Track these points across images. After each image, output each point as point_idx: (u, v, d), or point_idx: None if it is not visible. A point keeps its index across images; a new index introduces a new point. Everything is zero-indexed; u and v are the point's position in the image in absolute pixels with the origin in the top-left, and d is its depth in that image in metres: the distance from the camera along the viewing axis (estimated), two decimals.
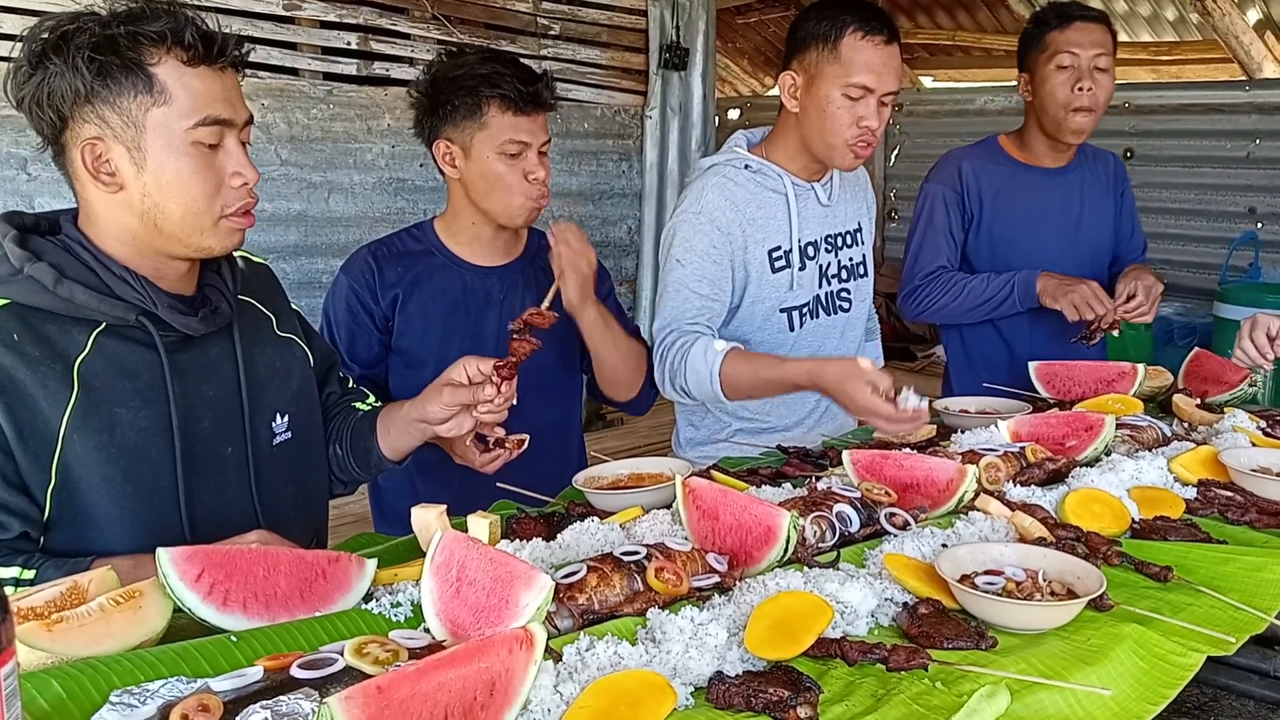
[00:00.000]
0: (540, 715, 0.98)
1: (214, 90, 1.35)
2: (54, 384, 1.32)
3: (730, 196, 2.12)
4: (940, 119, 7.20)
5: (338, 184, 4.84)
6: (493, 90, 1.95)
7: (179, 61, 1.32)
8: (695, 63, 5.99)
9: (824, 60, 2.04)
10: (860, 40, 2.01)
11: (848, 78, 2.01)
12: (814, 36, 2.05)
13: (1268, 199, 5.57)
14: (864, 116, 2.03)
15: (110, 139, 1.33)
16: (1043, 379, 2.33)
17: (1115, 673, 1.15)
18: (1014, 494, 1.63)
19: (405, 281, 2.08)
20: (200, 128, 1.34)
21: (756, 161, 2.17)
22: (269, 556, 1.23)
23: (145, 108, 1.32)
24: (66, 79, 1.30)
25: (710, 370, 1.98)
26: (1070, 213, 2.62)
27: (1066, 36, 2.46)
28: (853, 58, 2.02)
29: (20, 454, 1.31)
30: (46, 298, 1.33)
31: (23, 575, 1.29)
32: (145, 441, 1.38)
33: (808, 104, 2.08)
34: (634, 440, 4.73)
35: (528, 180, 1.99)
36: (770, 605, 1.17)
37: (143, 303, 1.38)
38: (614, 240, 5.93)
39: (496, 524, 1.43)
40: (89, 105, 1.31)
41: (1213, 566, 1.40)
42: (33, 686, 0.97)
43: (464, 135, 1.99)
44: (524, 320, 1.69)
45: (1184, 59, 6.54)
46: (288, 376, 1.59)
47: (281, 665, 1.05)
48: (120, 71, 1.30)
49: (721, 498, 1.42)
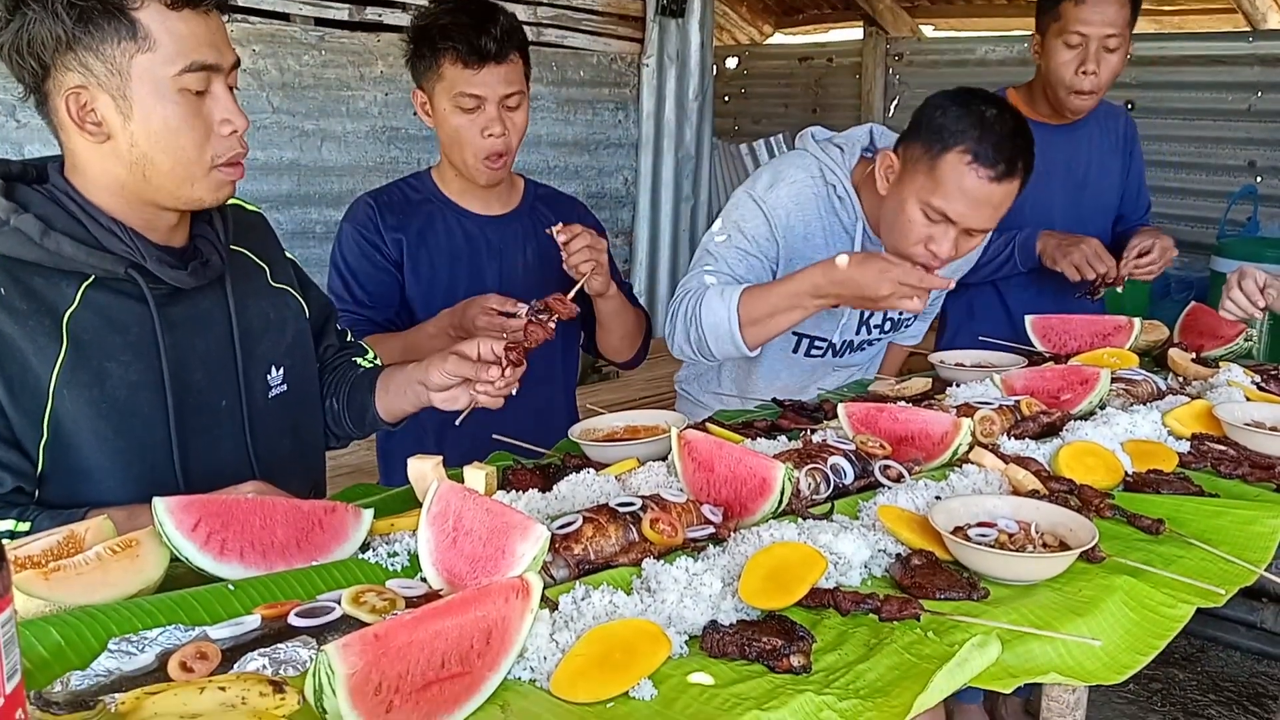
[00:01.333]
0: (536, 663, 0.99)
1: (199, 34, 1.31)
2: (43, 338, 1.30)
3: (801, 203, 2.03)
4: (940, 69, 7.11)
5: (330, 132, 4.78)
6: (445, 42, 1.91)
7: (162, 4, 1.28)
8: (693, 10, 5.90)
9: (919, 164, 1.84)
10: (966, 165, 1.79)
11: (936, 199, 1.82)
12: (921, 129, 1.87)
13: (1268, 153, 5.53)
14: (934, 238, 1.85)
15: (95, 87, 1.29)
16: (1039, 332, 2.33)
17: (1105, 624, 1.16)
18: (1008, 447, 1.64)
19: (410, 230, 2.06)
20: (187, 74, 1.30)
21: (847, 191, 2.04)
22: (265, 506, 1.23)
23: (129, 54, 1.27)
24: (46, 25, 1.25)
25: (729, 308, 1.91)
26: (1076, 171, 2.58)
27: (1079, 13, 2.36)
28: (948, 177, 1.80)
29: (11, 409, 1.30)
30: (33, 250, 1.30)
31: (17, 528, 1.28)
32: (136, 395, 1.37)
33: (891, 196, 1.91)
34: (630, 393, 4.73)
35: (483, 136, 1.95)
36: (764, 556, 1.18)
37: (131, 255, 1.35)
38: (610, 191, 5.89)
39: (493, 475, 1.43)
40: (71, 52, 1.27)
41: (1204, 520, 1.41)
42: (31, 634, 0.98)
43: (430, 86, 1.98)
44: (546, 303, 1.65)
45: (1186, 9, 6.45)
46: (282, 328, 1.57)
47: (279, 614, 1.05)
48: (102, 17, 1.26)
49: (717, 450, 1.42)
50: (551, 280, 2.13)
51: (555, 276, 2.12)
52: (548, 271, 2.13)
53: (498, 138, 1.96)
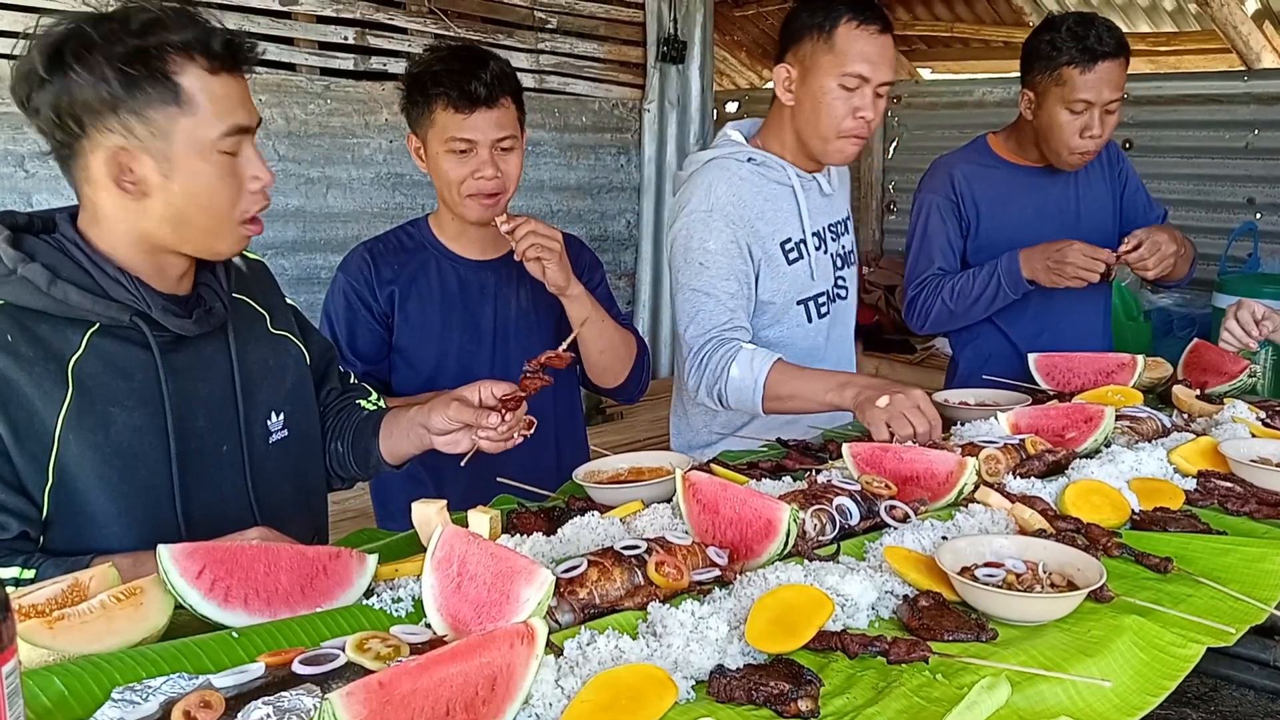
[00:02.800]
0: (542, 709, 0.99)
1: (234, 95, 1.35)
2: (48, 384, 1.32)
3: (738, 191, 2.11)
4: (939, 111, 7.19)
5: (335, 179, 4.83)
6: (436, 88, 1.94)
7: (202, 69, 1.31)
8: (693, 56, 5.98)
9: (819, 51, 2.04)
10: (855, 30, 2.01)
11: (843, 67, 2.01)
12: (809, 28, 2.05)
13: (1266, 189, 5.57)
14: (860, 107, 2.04)
15: (137, 149, 1.31)
16: (1042, 370, 2.33)
17: (1115, 664, 1.15)
18: (1014, 486, 1.63)
19: (402, 279, 2.08)
20: (223, 137, 1.34)
21: (759, 154, 2.16)
22: (270, 553, 1.23)
23: (173, 118, 1.30)
24: (91, 89, 1.27)
25: (757, 380, 1.99)
26: (1069, 209, 2.58)
27: (1086, 80, 2.33)
28: (848, 47, 2.01)
29: (17, 455, 1.30)
30: (40, 298, 1.32)
31: (23, 575, 1.28)
32: (140, 441, 1.38)
33: (803, 96, 2.08)
34: (634, 434, 4.73)
35: (474, 178, 1.97)
36: (770, 599, 1.17)
37: (137, 304, 1.37)
38: (613, 234, 5.93)
39: (497, 519, 1.43)
40: (114, 115, 1.29)
41: (1212, 557, 1.40)
42: (35, 684, 0.98)
43: (424, 132, 2.01)
44: (541, 362, 1.65)
45: (1182, 49, 6.53)
46: (282, 374, 1.58)
47: (283, 661, 1.05)
48: (147, 81, 1.29)
49: (721, 491, 1.42)
50: (547, 322, 2.14)
51: (550, 319, 2.13)
52: (542, 314, 2.15)
53: (489, 180, 1.98)
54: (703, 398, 2.08)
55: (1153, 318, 5.53)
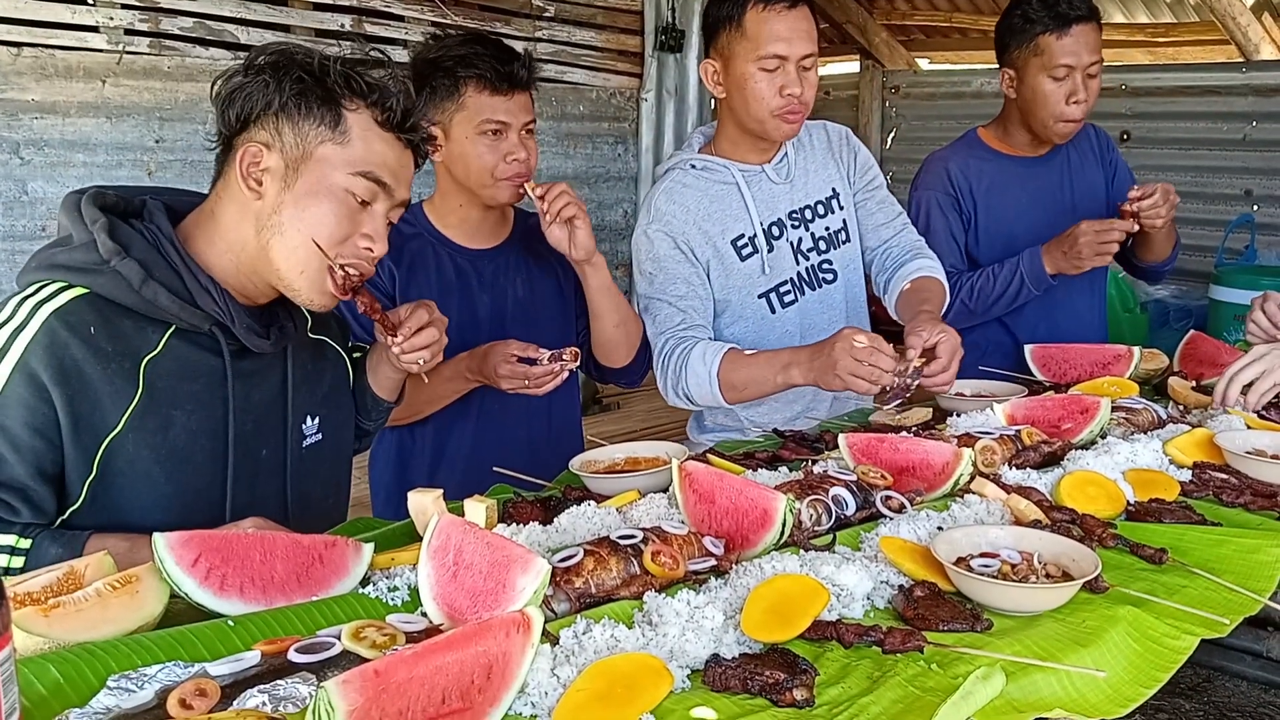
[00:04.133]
0: (537, 698, 0.99)
1: (389, 156, 1.40)
2: (120, 381, 1.33)
3: (678, 199, 2.16)
4: (936, 101, 7.17)
5: None
6: (469, 70, 1.93)
7: (372, 119, 1.37)
8: (691, 45, 5.96)
9: (734, 40, 2.07)
10: (762, 12, 2.03)
11: (759, 50, 2.04)
12: (721, 20, 2.09)
13: (1264, 181, 5.56)
14: (785, 85, 2.05)
15: (275, 150, 1.36)
16: (1038, 362, 2.33)
17: (1110, 655, 1.15)
18: (1009, 477, 1.64)
19: (402, 265, 2.07)
20: (359, 178, 1.37)
21: (701, 159, 2.21)
22: (265, 541, 1.23)
23: (322, 139, 1.36)
24: (267, 90, 1.34)
25: (709, 372, 2.02)
26: (1063, 197, 2.59)
27: (1064, 45, 2.35)
28: (759, 30, 2.03)
29: (70, 446, 1.31)
30: (130, 296, 1.34)
31: (19, 544, 1.29)
32: (194, 444, 1.40)
33: (731, 86, 2.11)
34: (630, 424, 4.73)
35: (506, 161, 1.97)
36: (766, 588, 1.17)
37: (220, 316, 1.40)
38: (610, 224, 5.92)
39: (493, 508, 1.43)
40: (274, 117, 1.35)
41: (1207, 549, 1.41)
42: (30, 672, 0.98)
43: (444, 116, 1.98)
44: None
45: (1181, 41, 6.52)
46: (320, 378, 1.61)
47: (279, 649, 1.05)
48: (316, 100, 1.35)
49: (717, 481, 1.42)
50: (545, 313, 2.14)
51: (547, 307, 2.13)
52: (540, 303, 2.14)
53: (521, 162, 1.98)
54: (673, 399, 2.12)
55: (1149, 309, 5.54)
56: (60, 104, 4.08)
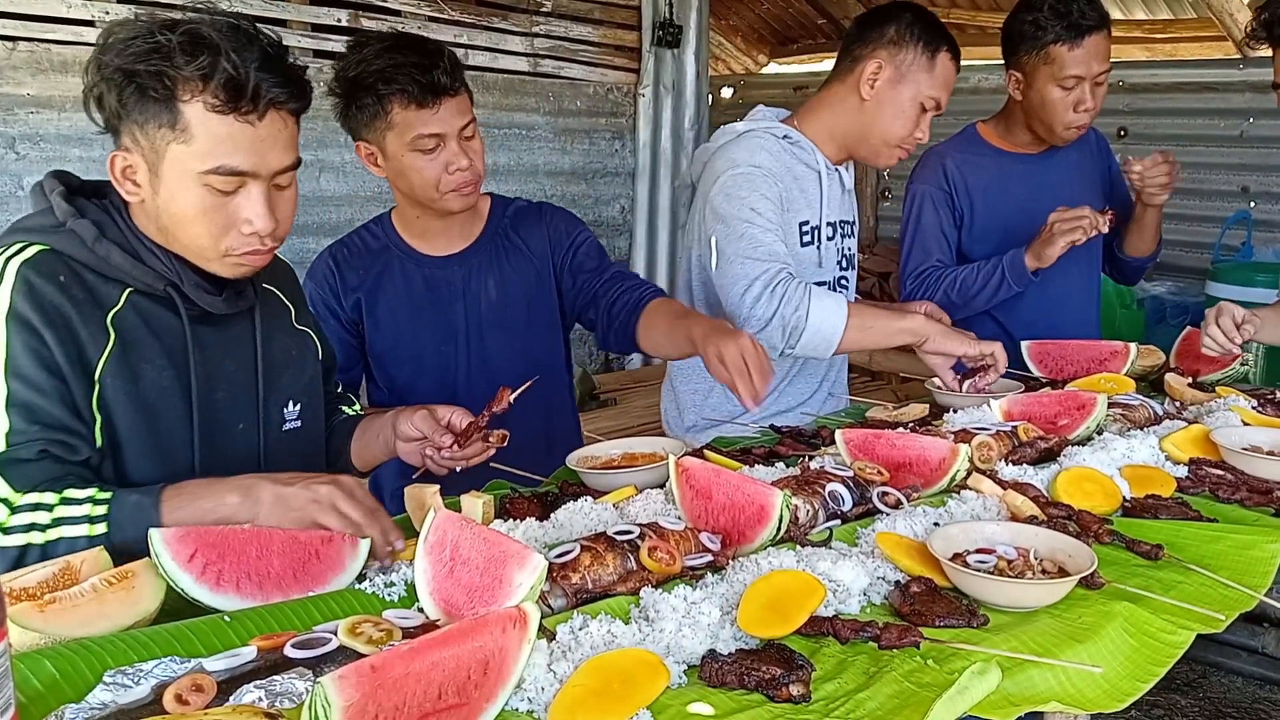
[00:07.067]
0: (534, 693, 0.99)
1: (238, 138, 1.34)
2: (94, 327, 1.37)
3: (776, 158, 2.13)
4: None
5: (328, 162, 4.80)
6: (390, 87, 1.82)
7: (207, 108, 1.32)
8: (688, 40, 5.95)
9: (919, 68, 2.10)
10: (950, 61, 2.11)
11: (927, 92, 2.11)
12: (909, 39, 2.10)
13: (1260, 178, 5.56)
14: (922, 130, 2.14)
15: (137, 153, 1.36)
16: (1035, 358, 2.33)
17: (1106, 650, 1.15)
18: (1006, 473, 1.64)
19: (367, 284, 2.03)
20: (213, 175, 1.35)
21: (794, 134, 2.18)
22: (262, 536, 1.23)
23: (167, 139, 1.34)
24: (111, 93, 1.34)
25: (843, 311, 1.98)
26: (1063, 195, 2.57)
27: (1075, 56, 2.34)
28: (942, 74, 2.11)
29: (75, 385, 1.34)
30: (84, 253, 1.38)
31: (98, 495, 1.30)
32: (164, 399, 1.42)
33: (886, 98, 2.11)
34: (627, 420, 4.73)
35: (449, 172, 1.88)
36: (763, 584, 1.17)
37: (170, 275, 1.42)
38: (607, 219, 5.91)
39: (490, 504, 1.43)
40: (126, 120, 1.35)
41: (1203, 545, 1.41)
42: (26, 667, 0.98)
43: (376, 136, 1.89)
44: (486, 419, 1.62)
45: (1178, 37, 6.51)
46: (302, 366, 1.63)
47: (275, 645, 1.05)
48: (151, 100, 1.32)
49: (714, 477, 1.42)
50: (521, 315, 2.07)
51: (524, 311, 2.07)
52: (514, 300, 2.07)
53: (465, 169, 1.90)
54: (771, 326, 1.97)
55: (1146, 306, 5.54)
56: (55, 99, 4.07)
